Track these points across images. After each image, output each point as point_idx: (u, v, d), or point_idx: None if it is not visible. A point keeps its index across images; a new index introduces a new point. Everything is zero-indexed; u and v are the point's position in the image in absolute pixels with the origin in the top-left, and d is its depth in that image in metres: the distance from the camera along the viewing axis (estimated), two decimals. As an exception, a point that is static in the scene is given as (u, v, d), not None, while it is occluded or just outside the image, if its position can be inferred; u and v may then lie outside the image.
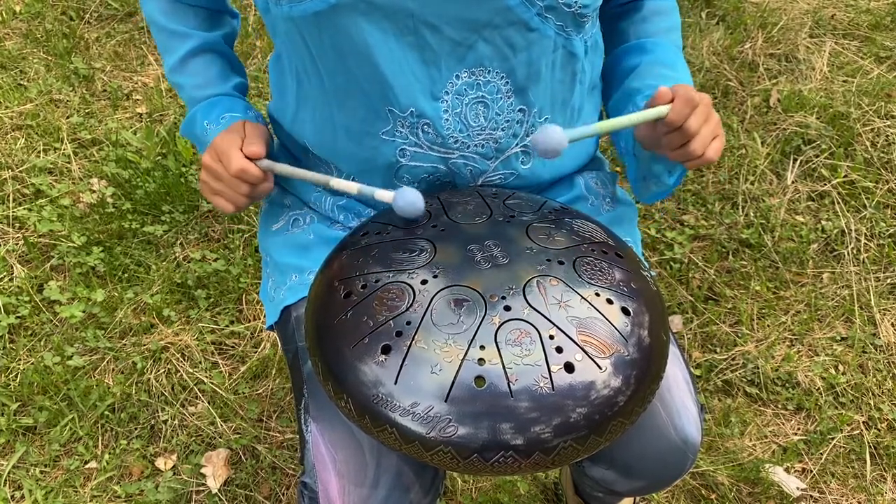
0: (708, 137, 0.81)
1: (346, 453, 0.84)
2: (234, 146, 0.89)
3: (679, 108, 0.78)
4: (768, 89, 2.26)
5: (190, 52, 0.99)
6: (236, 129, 0.92)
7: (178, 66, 1.00)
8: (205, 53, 1.00)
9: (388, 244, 0.79)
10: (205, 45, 1.00)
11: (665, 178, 0.93)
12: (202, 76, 1.00)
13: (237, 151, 0.88)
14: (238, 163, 0.88)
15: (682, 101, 0.78)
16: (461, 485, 1.45)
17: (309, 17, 0.81)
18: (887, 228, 1.92)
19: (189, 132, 1.01)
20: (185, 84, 1.01)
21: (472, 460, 0.69)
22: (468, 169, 0.89)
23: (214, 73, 1.01)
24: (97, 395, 1.52)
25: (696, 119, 0.79)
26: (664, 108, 0.79)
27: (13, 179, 1.90)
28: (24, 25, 2.38)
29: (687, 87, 0.80)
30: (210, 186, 0.92)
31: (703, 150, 0.81)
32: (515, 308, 0.71)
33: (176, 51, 1.00)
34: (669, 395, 0.90)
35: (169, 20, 0.99)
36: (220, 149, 0.90)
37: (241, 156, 0.88)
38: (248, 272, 1.75)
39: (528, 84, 0.86)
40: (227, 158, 0.89)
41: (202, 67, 1.00)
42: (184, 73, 1.00)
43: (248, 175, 0.88)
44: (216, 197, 0.92)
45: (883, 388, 1.64)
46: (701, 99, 0.80)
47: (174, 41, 1.00)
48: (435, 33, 0.81)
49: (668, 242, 1.88)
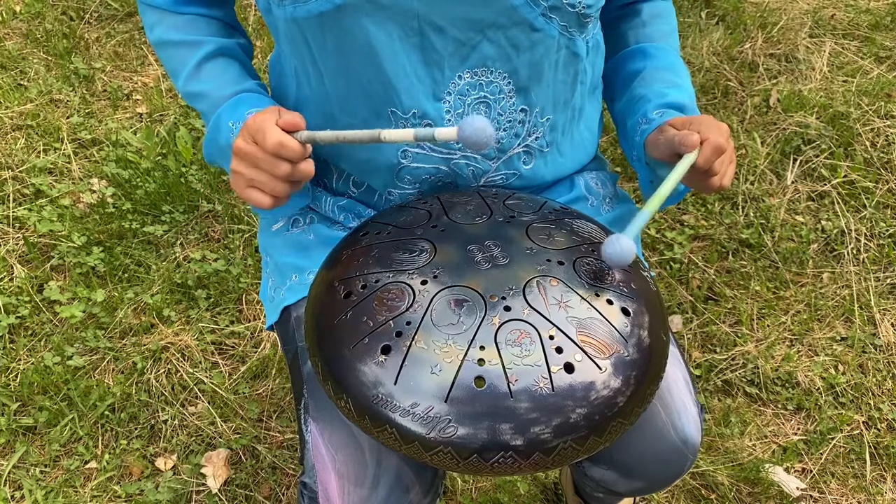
0: (725, 170, 0.85)
1: (346, 453, 0.84)
2: (270, 120, 0.79)
3: (708, 156, 0.81)
4: (768, 89, 2.26)
5: (205, 56, 0.92)
6: (270, 110, 0.82)
7: (192, 73, 0.92)
8: (221, 57, 0.93)
9: (388, 244, 0.79)
10: (221, 50, 0.93)
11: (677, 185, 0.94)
12: (220, 78, 0.92)
13: (273, 125, 0.78)
14: (274, 135, 0.77)
15: (710, 149, 0.81)
16: (461, 485, 1.45)
17: (313, 19, 0.81)
18: (887, 228, 1.92)
19: (214, 146, 0.91)
20: (202, 90, 0.92)
21: (472, 461, 0.69)
22: (470, 169, 0.89)
23: (234, 74, 0.93)
24: (97, 395, 1.52)
25: (720, 163, 0.83)
26: (692, 156, 0.81)
27: (13, 179, 1.90)
28: (24, 25, 2.38)
29: (712, 127, 0.82)
30: (244, 177, 0.81)
31: (719, 182, 0.85)
32: (515, 308, 0.71)
33: (189, 60, 0.92)
34: (669, 395, 0.90)
35: (181, 33, 0.92)
36: (253, 127, 0.80)
37: (277, 129, 0.78)
38: (248, 272, 1.75)
39: (531, 84, 0.87)
40: (261, 134, 0.78)
41: (220, 70, 0.92)
42: (199, 79, 0.92)
43: (287, 150, 0.78)
44: (250, 190, 0.81)
45: (883, 388, 1.64)
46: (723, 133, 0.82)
47: (187, 51, 0.92)
48: (440, 34, 0.81)
49: (668, 242, 1.88)
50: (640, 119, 0.92)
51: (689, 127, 0.84)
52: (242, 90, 0.90)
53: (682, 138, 0.82)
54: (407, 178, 0.90)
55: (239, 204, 1.89)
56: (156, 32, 0.94)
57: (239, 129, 0.84)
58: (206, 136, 0.91)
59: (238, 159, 0.81)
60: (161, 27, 0.93)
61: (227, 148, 0.87)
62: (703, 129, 0.82)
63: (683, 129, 0.84)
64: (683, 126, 0.85)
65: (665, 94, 0.92)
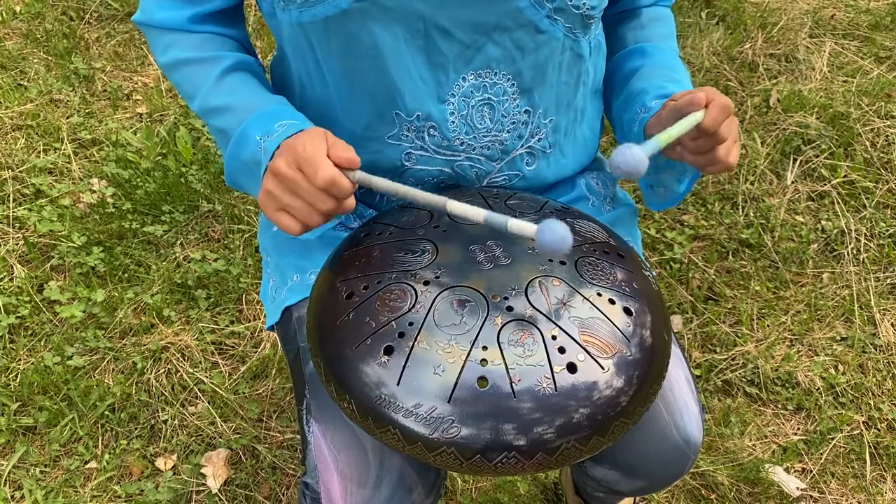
0: (731, 143, 0.81)
1: (349, 454, 0.84)
2: (321, 152, 0.72)
3: (715, 115, 0.77)
4: (768, 89, 2.26)
5: (225, 69, 0.87)
6: (317, 133, 0.75)
7: (213, 87, 0.86)
8: (242, 71, 0.88)
9: (390, 245, 0.79)
10: (241, 64, 0.88)
11: (675, 187, 0.93)
12: (243, 90, 0.86)
13: (325, 158, 0.72)
14: (328, 171, 0.71)
15: (717, 108, 0.77)
16: (461, 485, 1.45)
17: (318, 23, 0.81)
18: (887, 228, 1.92)
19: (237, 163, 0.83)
20: (224, 103, 0.85)
21: (475, 461, 0.69)
22: (473, 171, 0.89)
23: (256, 86, 0.87)
24: (97, 395, 1.51)
25: (727, 126, 0.79)
26: (699, 113, 0.78)
27: (13, 179, 1.90)
28: (24, 25, 2.38)
29: (717, 93, 0.79)
30: (277, 200, 0.75)
31: (726, 156, 0.80)
32: (518, 308, 0.71)
33: (210, 74, 0.87)
34: (671, 394, 0.90)
35: (199, 50, 0.88)
36: (301, 154, 0.72)
37: (330, 163, 0.72)
38: (248, 272, 1.75)
39: (534, 85, 0.87)
40: (312, 166, 0.71)
41: (241, 82, 0.87)
42: (220, 93, 0.86)
43: (338, 188, 0.72)
44: (282, 214, 0.75)
45: (883, 388, 1.64)
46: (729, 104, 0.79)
47: (206, 66, 0.87)
48: (445, 36, 0.81)
49: (668, 242, 1.88)
50: (638, 109, 0.89)
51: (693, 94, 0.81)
52: (268, 103, 0.84)
53: (687, 100, 0.78)
54: (410, 180, 0.90)
55: (239, 204, 1.89)
56: (169, 54, 0.89)
57: (269, 145, 0.79)
58: (228, 153, 0.84)
59: (276, 181, 0.75)
60: (176, 48, 0.89)
61: (254, 165, 0.81)
62: (708, 93, 0.79)
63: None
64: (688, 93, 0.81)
65: (664, 86, 0.90)
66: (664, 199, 0.97)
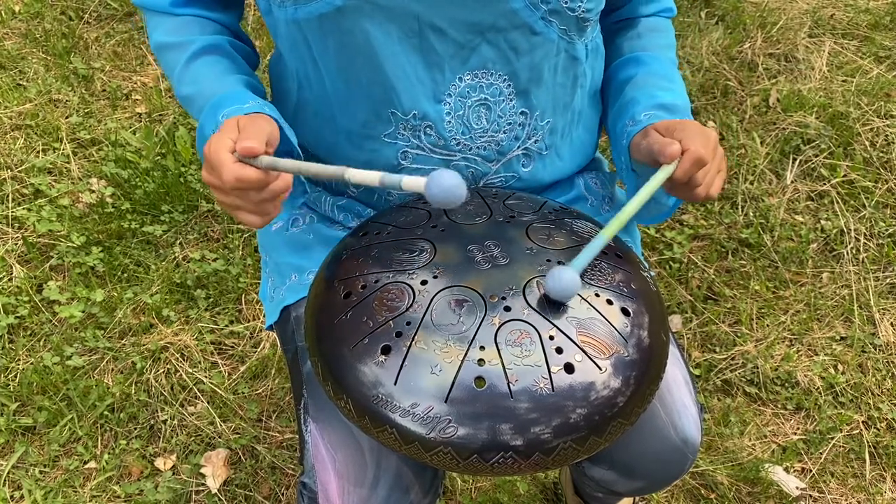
0: (711, 181, 0.81)
1: (346, 453, 0.84)
2: (223, 150, 0.73)
3: (686, 168, 0.77)
4: (768, 89, 2.26)
5: (190, 56, 0.87)
6: (228, 128, 0.75)
7: (180, 75, 0.87)
8: (207, 55, 0.88)
9: (387, 244, 0.79)
10: (207, 48, 0.88)
11: (664, 200, 0.91)
12: (205, 78, 0.86)
13: (227, 156, 0.72)
14: (230, 171, 0.71)
15: (689, 161, 0.77)
16: (461, 485, 1.45)
17: (313, 20, 0.81)
18: (887, 228, 1.92)
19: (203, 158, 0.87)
20: (189, 94, 0.86)
21: (472, 461, 0.69)
22: (470, 171, 0.89)
23: (217, 71, 0.87)
24: (96, 395, 1.51)
25: (702, 174, 0.79)
26: (670, 167, 0.78)
27: (12, 179, 1.90)
28: (23, 25, 2.38)
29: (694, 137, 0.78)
30: (224, 204, 0.77)
31: (705, 193, 0.81)
32: (515, 309, 0.71)
33: (179, 62, 0.88)
34: (669, 395, 0.90)
35: (174, 35, 0.89)
36: (208, 157, 0.73)
37: (231, 161, 0.72)
38: (247, 272, 1.75)
39: (530, 87, 0.87)
40: (217, 168, 0.72)
41: (204, 69, 0.87)
42: (186, 81, 0.87)
43: (246, 181, 0.72)
44: (238, 212, 0.77)
45: (882, 388, 1.64)
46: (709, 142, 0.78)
47: (177, 53, 0.88)
48: (439, 36, 0.81)
49: (668, 242, 1.88)
50: (627, 121, 0.89)
51: (672, 134, 0.81)
52: (218, 91, 0.83)
53: (661, 147, 0.78)
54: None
55: (238, 204, 1.89)
56: (153, 37, 0.91)
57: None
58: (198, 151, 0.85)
59: (211, 188, 0.76)
60: (158, 30, 0.90)
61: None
62: (686, 139, 0.78)
63: (667, 135, 0.81)
64: (667, 132, 0.82)
65: (656, 95, 0.89)
66: (654, 214, 0.95)
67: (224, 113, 0.80)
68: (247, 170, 0.72)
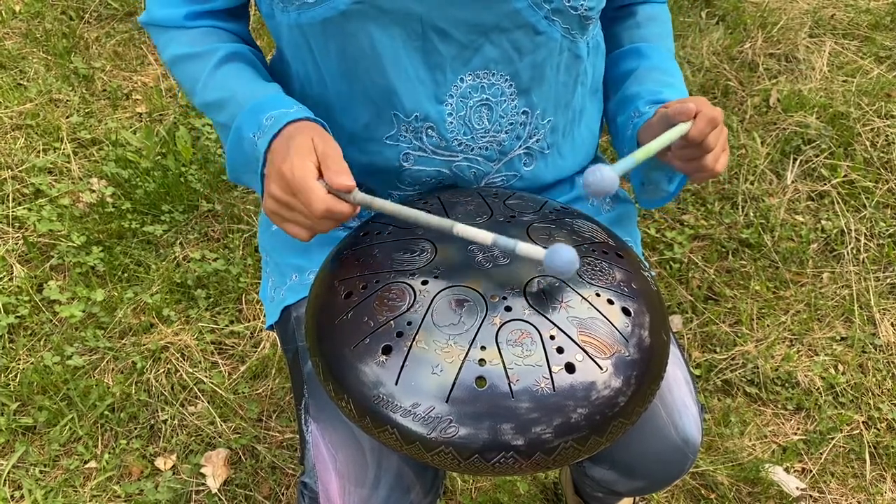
0: (719, 152, 0.82)
1: (347, 453, 0.84)
2: (311, 176, 0.71)
3: (702, 127, 0.79)
4: (768, 89, 2.26)
5: (219, 61, 0.86)
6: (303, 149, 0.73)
7: (207, 81, 0.86)
8: (235, 62, 0.87)
9: (388, 244, 0.79)
10: (234, 55, 0.87)
11: (664, 185, 0.93)
12: (236, 82, 0.85)
13: (316, 185, 0.70)
14: (321, 202, 0.70)
15: (704, 120, 0.79)
16: (461, 485, 1.45)
17: (316, 25, 0.81)
18: (887, 228, 1.92)
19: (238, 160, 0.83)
20: (218, 98, 0.85)
21: (473, 461, 0.69)
22: (471, 171, 0.89)
23: (249, 76, 0.86)
24: (97, 394, 1.51)
25: (714, 136, 0.80)
26: (686, 125, 0.79)
27: (13, 179, 1.90)
28: (23, 25, 2.38)
29: (706, 104, 0.80)
30: (281, 216, 0.76)
31: (713, 165, 0.82)
32: (516, 308, 0.71)
33: (204, 69, 0.86)
34: (670, 394, 0.90)
35: (194, 46, 0.88)
36: (293, 183, 0.71)
37: (323, 191, 0.71)
38: (247, 272, 1.75)
39: (532, 86, 0.87)
40: (306, 197, 0.71)
41: (235, 74, 0.86)
42: (214, 87, 0.85)
43: (336, 215, 0.71)
44: (288, 224, 0.76)
45: (882, 388, 1.64)
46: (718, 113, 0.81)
47: (200, 61, 0.87)
48: (442, 37, 0.81)
49: (668, 242, 1.88)
50: (632, 113, 0.91)
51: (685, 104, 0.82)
52: (256, 94, 0.83)
53: (676, 109, 0.80)
54: (408, 180, 0.90)
55: (238, 203, 1.89)
56: (168, 51, 0.90)
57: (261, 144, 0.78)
58: (228, 149, 0.84)
59: (276, 203, 0.75)
60: (173, 44, 0.89)
61: (254, 161, 0.80)
62: (698, 104, 0.80)
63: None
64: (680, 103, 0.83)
65: (658, 91, 0.91)
66: (654, 198, 0.97)
67: (269, 115, 0.79)
68: (340, 204, 0.72)
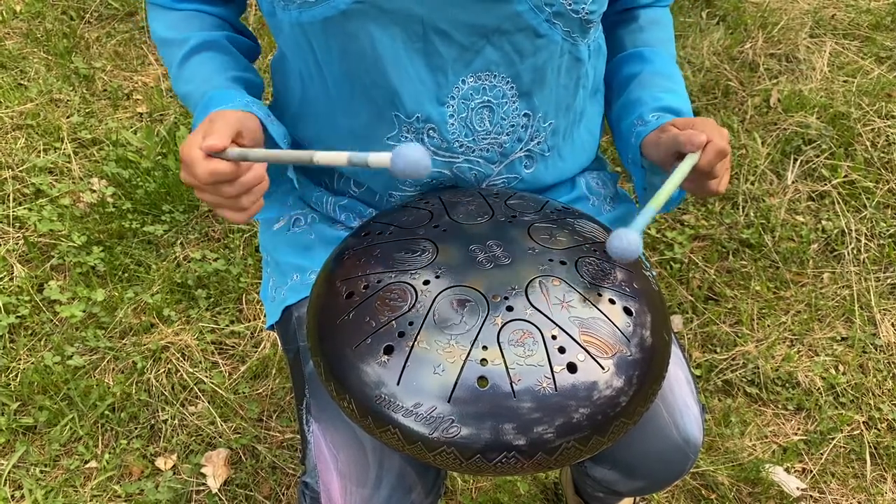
0: (722, 175, 0.84)
1: (348, 454, 0.84)
2: (194, 147, 0.74)
3: (711, 159, 0.80)
4: (768, 89, 2.26)
5: (186, 54, 0.88)
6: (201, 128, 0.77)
7: (177, 73, 0.89)
8: (202, 53, 0.89)
9: (390, 244, 0.79)
10: (203, 45, 0.89)
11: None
12: (197, 77, 0.87)
13: (197, 153, 0.73)
14: (202, 167, 0.73)
15: (714, 152, 0.80)
16: (461, 485, 1.45)
17: (317, 24, 0.81)
18: (887, 228, 1.92)
19: None
20: (186, 92, 0.88)
21: (475, 461, 0.69)
22: (472, 173, 0.89)
23: (210, 69, 0.88)
24: (97, 394, 1.51)
25: (721, 166, 0.82)
26: (695, 156, 0.81)
27: (13, 179, 1.90)
28: (24, 25, 2.38)
29: (715, 128, 0.82)
30: (206, 201, 0.79)
31: (716, 187, 0.84)
32: (518, 308, 0.71)
33: (174, 60, 0.89)
34: (671, 394, 0.90)
35: (172, 30, 0.90)
36: (183, 157, 0.75)
37: (201, 157, 0.73)
38: (248, 272, 1.75)
39: (534, 89, 0.87)
40: (191, 167, 0.74)
41: (197, 68, 0.88)
42: (182, 80, 0.88)
43: (220, 175, 0.73)
44: (221, 210, 0.79)
45: (883, 388, 1.64)
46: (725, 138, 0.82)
47: (174, 49, 0.89)
48: (443, 39, 0.81)
49: (668, 242, 1.88)
50: (635, 121, 0.91)
51: (692, 127, 0.83)
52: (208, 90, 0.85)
53: (688, 137, 0.80)
54: (408, 181, 0.90)
55: (239, 203, 1.89)
56: (154, 29, 0.93)
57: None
58: None
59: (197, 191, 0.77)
60: (157, 24, 0.92)
61: None
62: (707, 131, 0.81)
63: (686, 129, 0.83)
64: (686, 126, 0.84)
65: (661, 98, 0.92)
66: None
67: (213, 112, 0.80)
68: (217, 163, 0.73)
